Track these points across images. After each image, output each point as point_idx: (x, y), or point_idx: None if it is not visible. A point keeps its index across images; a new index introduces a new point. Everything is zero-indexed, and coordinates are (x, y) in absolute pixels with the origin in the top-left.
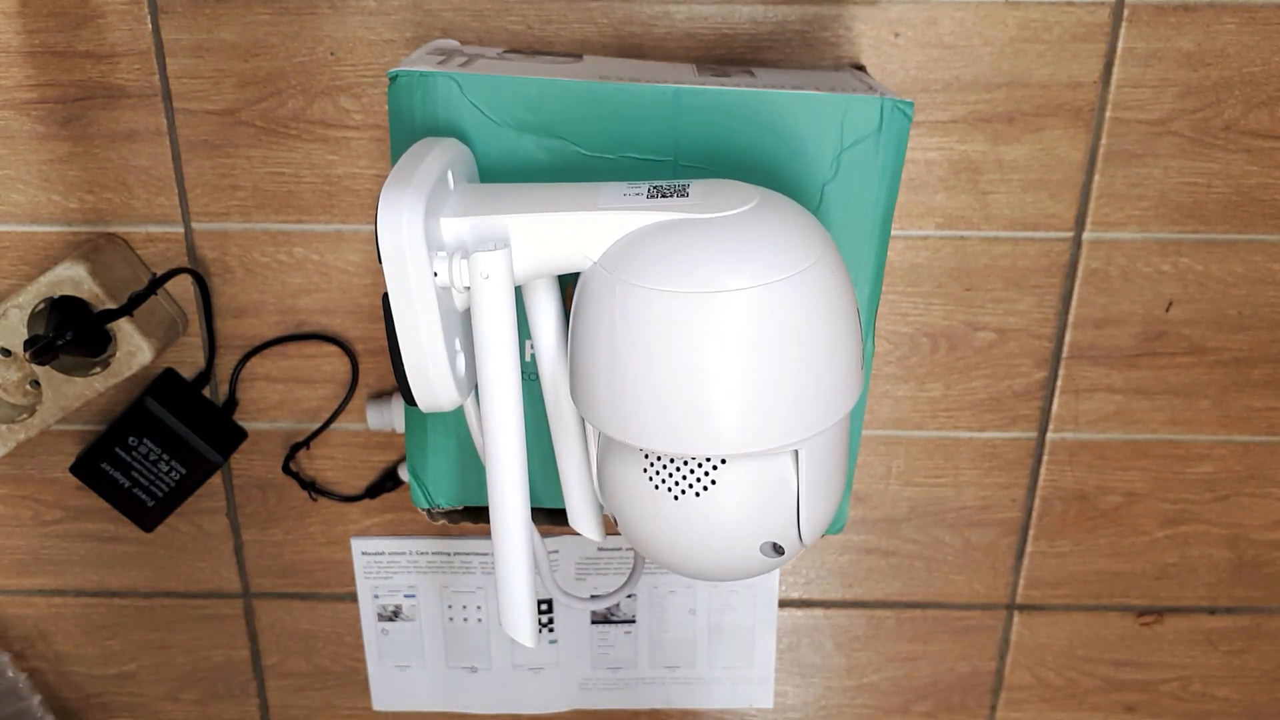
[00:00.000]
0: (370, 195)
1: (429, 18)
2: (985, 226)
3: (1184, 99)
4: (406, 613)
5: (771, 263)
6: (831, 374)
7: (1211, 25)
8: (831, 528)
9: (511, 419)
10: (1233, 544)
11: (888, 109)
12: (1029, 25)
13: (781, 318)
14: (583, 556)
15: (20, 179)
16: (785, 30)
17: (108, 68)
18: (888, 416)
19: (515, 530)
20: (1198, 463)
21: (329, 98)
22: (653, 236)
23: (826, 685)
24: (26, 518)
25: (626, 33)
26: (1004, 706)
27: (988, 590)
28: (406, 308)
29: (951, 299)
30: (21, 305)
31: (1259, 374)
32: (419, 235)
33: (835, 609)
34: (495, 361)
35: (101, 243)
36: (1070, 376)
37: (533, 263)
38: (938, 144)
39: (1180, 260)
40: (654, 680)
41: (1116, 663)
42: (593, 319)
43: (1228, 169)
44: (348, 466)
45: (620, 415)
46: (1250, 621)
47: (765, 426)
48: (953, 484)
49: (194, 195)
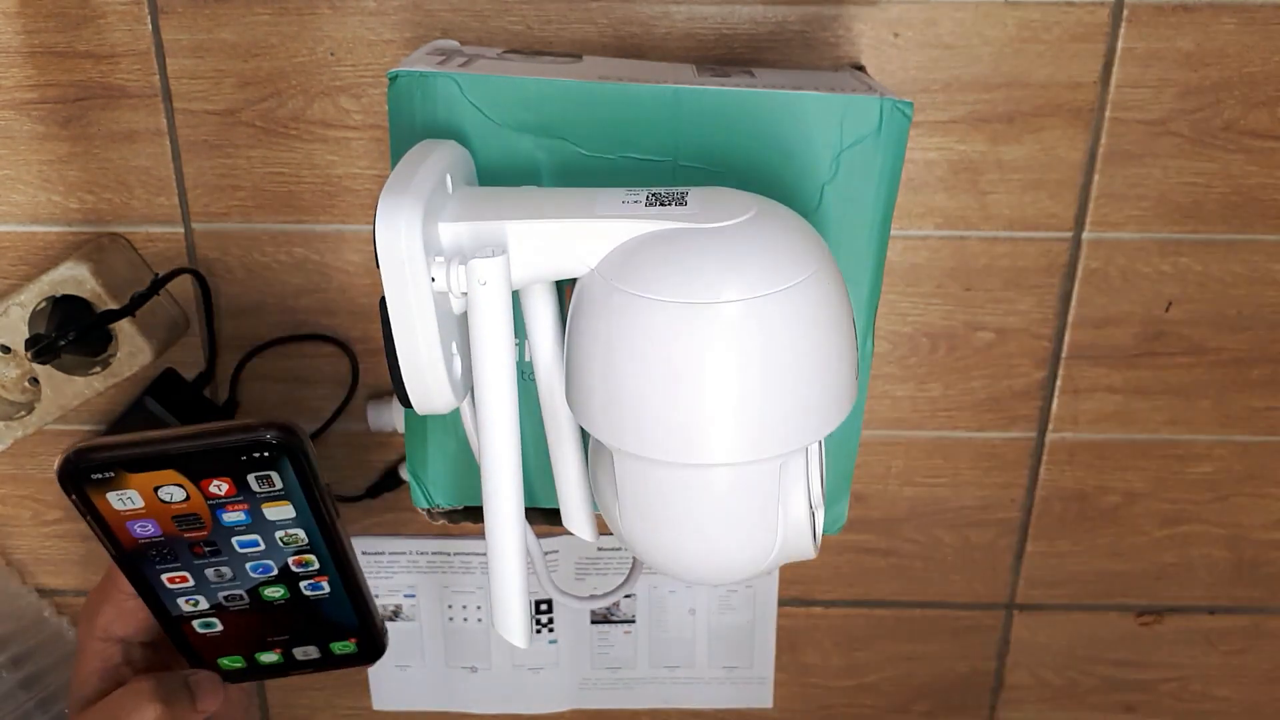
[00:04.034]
0: (370, 195)
1: (429, 18)
2: (985, 226)
3: (1183, 99)
4: (406, 612)
5: (768, 274)
6: (826, 384)
7: (1211, 25)
8: (831, 528)
9: (507, 422)
10: (1232, 544)
11: (887, 109)
12: (1029, 25)
13: (777, 329)
14: (582, 556)
15: (20, 179)
16: (785, 30)
17: (108, 68)
18: (887, 416)
19: (508, 532)
20: (1197, 463)
21: (329, 98)
22: (650, 245)
23: (826, 685)
24: (26, 518)
25: (626, 33)
26: (1003, 706)
27: (987, 590)
28: (404, 312)
29: (951, 299)
30: (23, 303)
31: (1259, 374)
32: (417, 241)
33: (835, 609)
34: (492, 366)
35: (104, 242)
36: (1070, 376)
37: (530, 268)
38: (937, 144)
39: (1180, 260)
40: (654, 680)
41: (1116, 663)
42: (589, 326)
43: (1227, 169)
44: (348, 466)
45: (614, 422)
46: (1250, 621)
47: (759, 436)
48: (952, 484)
49: (194, 195)
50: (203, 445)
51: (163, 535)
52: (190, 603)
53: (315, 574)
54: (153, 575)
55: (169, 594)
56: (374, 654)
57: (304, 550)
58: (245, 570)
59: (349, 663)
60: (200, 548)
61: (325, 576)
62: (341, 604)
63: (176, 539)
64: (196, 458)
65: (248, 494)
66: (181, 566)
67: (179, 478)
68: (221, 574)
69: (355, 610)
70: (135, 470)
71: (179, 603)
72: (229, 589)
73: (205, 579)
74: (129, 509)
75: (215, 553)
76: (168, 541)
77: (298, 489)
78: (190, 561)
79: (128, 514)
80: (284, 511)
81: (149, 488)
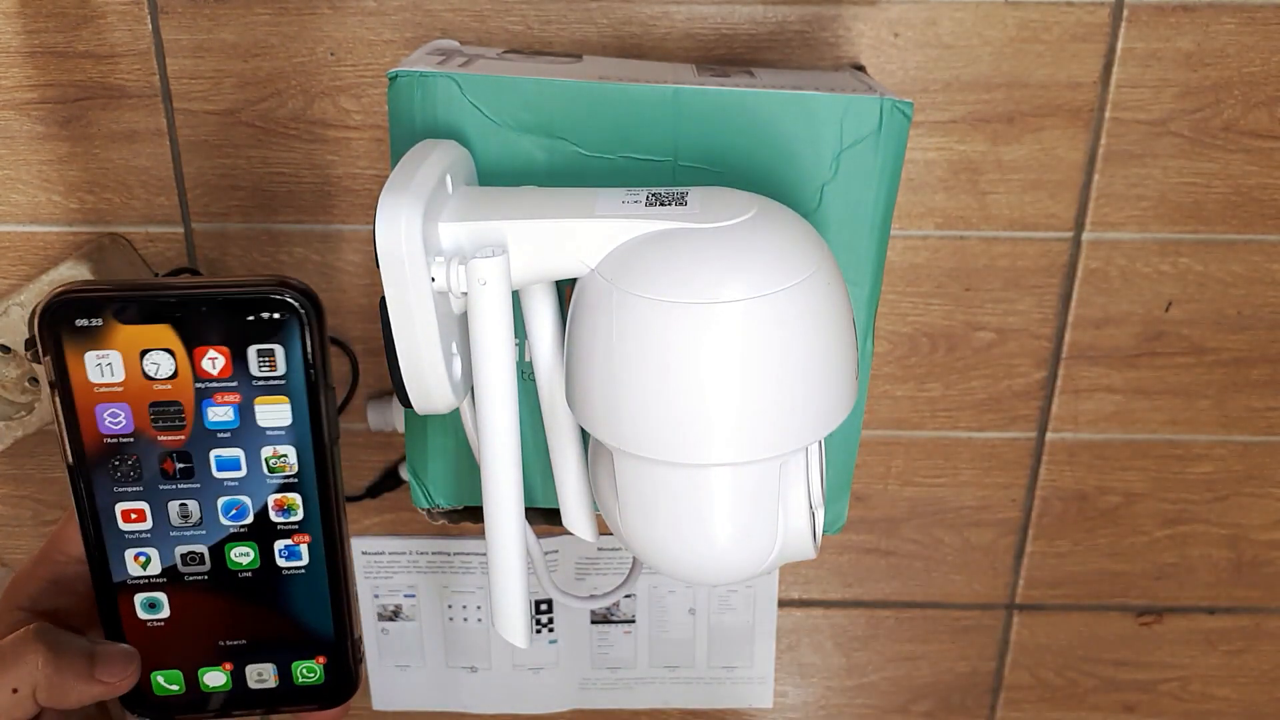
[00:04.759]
0: (370, 196)
1: (429, 18)
2: (985, 226)
3: (1183, 99)
4: (406, 612)
5: (768, 274)
6: (826, 384)
7: (1211, 25)
8: (831, 527)
9: (507, 422)
10: (1232, 544)
11: (887, 109)
12: (1028, 25)
13: (777, 329)
14: (582, 556)
15: (20, 179)
16: (785, 30)
17: (108, 68)
18: (887, 416)
19: (508, 532)
20: (1197, 463)
21: (329, 98)
22: (650, 245)
23: (826, 685)
24: (26, 518)
25: (626, 33)
26: (1003, 706)
27: (987, 590)
28: (403, 313)
29: (951, 299)
30: (23, 303)
31: (1259, 374)
32: (417, 241)
33: (835, 609)
34: (492, 366)
35: (105, 242)
36: (1069, 376)
37: (530, 269)
38: (937, 144)
39: (1180, 260)
40: (654, 680)
41: (1116, 663)
42: (589, 327)
43: (1227, 169)
44: (348, 466)
45: (614, 422)
46: (1250, 621)
47: (759, 436)
48: (952, 484)
49: (194, 195)
50: (205, 294)
51: (134, 432)
52: (141, 559)
53: (296, 529)
54: (106, 505)
55: (118, 540)
56: (342, 689)
57: (290, 484)
58: (216, 510)
59: (308, 700)
60: (171, 461)
61: (307, 537)
62: (318, 591)
63: (148, 442)
64: (196, 311)
65: (243, 376)
66: (143, 493)
67: (172, 338)
68: (187, 512)
69: (333, 606)
70: (126, 319)
71: (127, 558)
72: (191, 541)
73: (166, 518)
74: (105, 382)
75: (188, 474)
76: (137, 444)
77: (301, 378)
78: (156, 486)
79: (102, 391)
80: (279, 413)
81: (135, 350)
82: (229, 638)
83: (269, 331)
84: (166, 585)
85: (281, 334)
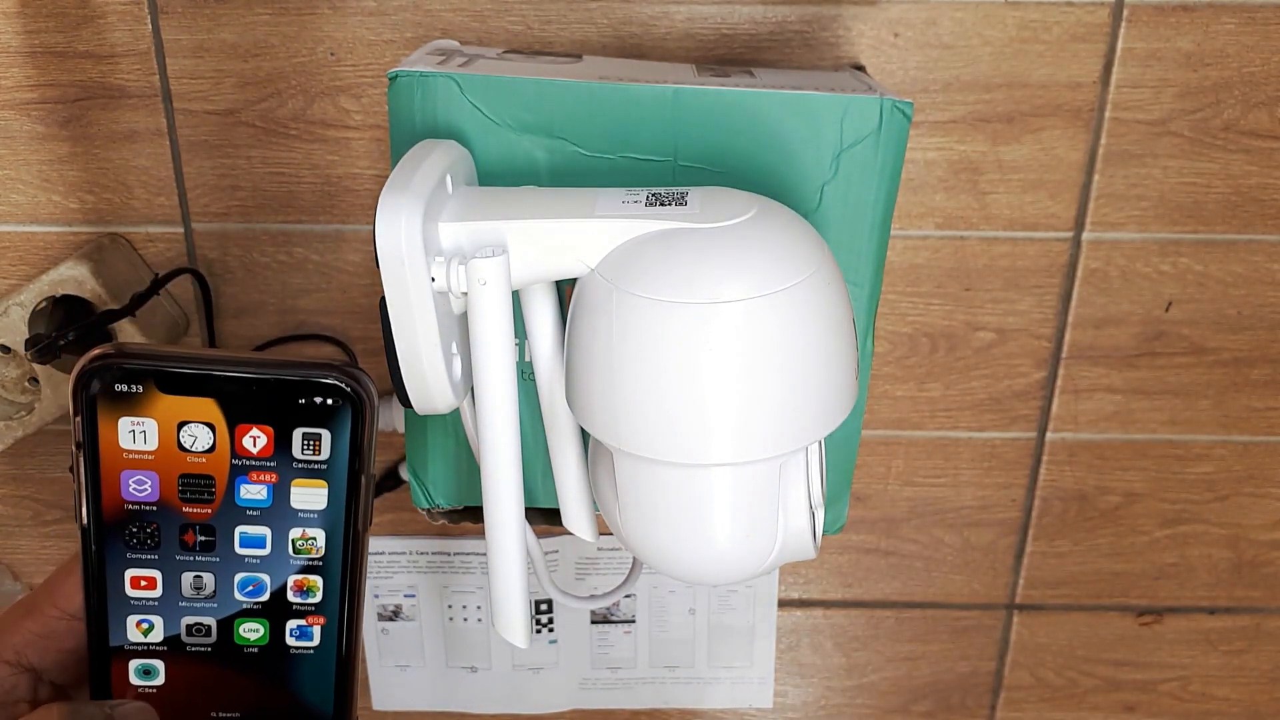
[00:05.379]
0: (370, 196)
1: (429, 18)
2: (985, 227)
3: (1183, 99)
4: (406, 612)
5: (768, 274)
6: (826, 384)
7: (1211, 26)
8: (831, 527)
9: (507, 422)
10: (1232, 544)
11: (887, 109)
12: (1028, 25)
13: (777, 329)
14: (582, 556)
15: (20, 179)
16: (785, 30)
17: (108, 68)
18: (887, 417)
19: (508, 532)
20: (1197, 463)
21: (329, 98)
22: (650, 245)
23: (826, 685)
24: (26, 518)
25: (626, 33)
26: (1004, 706)
27: (987, 590)
28: (404, 313)
29: (951, 299)
30: (23, 303)
31: (1259, 374)
32: (417, 241)
33: (835, 609)
34: (492, 366)
35: (105, 242)
36: (1070, 376)
37: (530, 269)
38: (937, 144)
39: (1180, 260)
40: (654, 680)
41: (1116, 663)
42: (589, 327)
43: (1227, 169)
44: None
45: (614, 422)
46: (1250, 621)
47: (759, 436)
48: (952, 484)
49: (194, 195)
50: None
51: (157, 502)
52: (143, 626)
53: (312, 610)
54: (115, 570)
55: (122, 605)
56: None
57: (314, 567)
58: (232, 585)
59: None
60: (193, 534)
61: (322, 619)
62: (325, 671)
63: (172, 512)
64: (244, 388)
65: (283, 457)
66: (158, 561)
67: (215, 412)
68: (201, 585)
69: (337, 687)
70: (169, 389)
71: (129, 623)
72: (200, 613)
73: (178, 588)
74: (135, 450)
75: (208, 546)
76: (159, 513)
77: (344, 465)
78: (172, 555)
79: (131, 458)
80: (315, 497)
81: (172, 421)
82: (224, 710)
83: (319, 416)
84: (166, 654)
85: (331, 420)
